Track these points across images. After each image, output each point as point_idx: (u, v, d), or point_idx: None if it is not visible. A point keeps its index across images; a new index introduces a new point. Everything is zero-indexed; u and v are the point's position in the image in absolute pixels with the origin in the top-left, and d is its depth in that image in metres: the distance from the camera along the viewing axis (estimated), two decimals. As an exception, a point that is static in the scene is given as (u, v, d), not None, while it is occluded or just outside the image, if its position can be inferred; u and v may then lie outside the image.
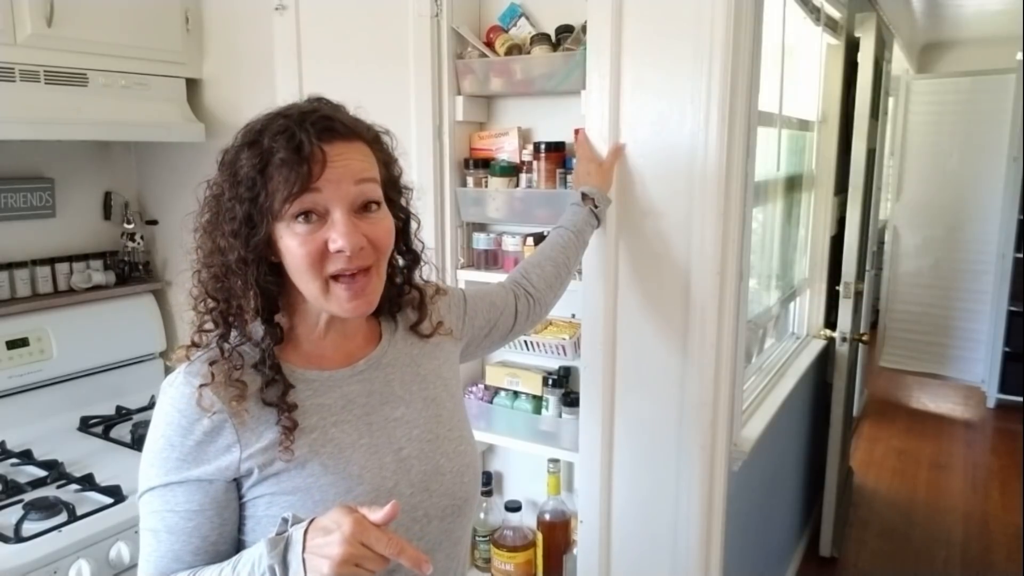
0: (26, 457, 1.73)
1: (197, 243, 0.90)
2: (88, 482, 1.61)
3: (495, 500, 1.83)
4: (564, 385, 1.69)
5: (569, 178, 1.55)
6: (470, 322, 1.17)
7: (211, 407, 0.84)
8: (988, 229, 4.89)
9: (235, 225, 0.85)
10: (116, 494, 1.56)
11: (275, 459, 0.86)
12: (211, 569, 0.83)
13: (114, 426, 1.94)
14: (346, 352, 0.97)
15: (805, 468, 2.98)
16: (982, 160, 4.91)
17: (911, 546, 3.20)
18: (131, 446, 1.82)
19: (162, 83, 1.96)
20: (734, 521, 1.74)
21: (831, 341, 2.87)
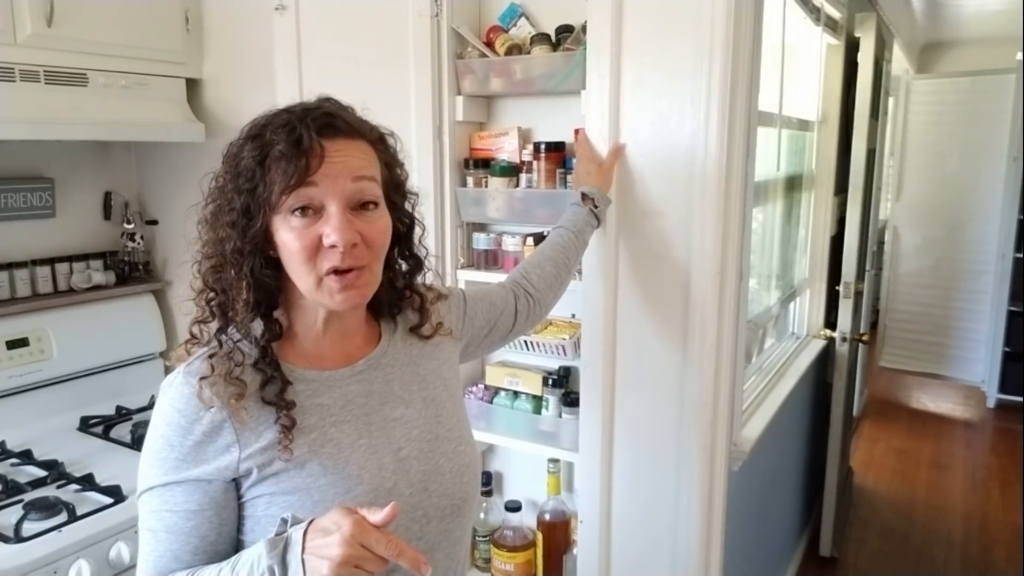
0: (26, 457, 1.73)
1: (200, 234, 0.91)
2: (88, 482, 1.61)
3: (495, 500, 1.83)
4: (564, 385, 1.69)
5: (569, 178, 1.55)
6: (470, 322, 1.17)
7: (211, 401, 0.85)
8: (988, 229, 4.89)
9: (234, 216, 0.86)
10: (116, 494, 1.56)
11: (274, 459, 0.86)
12: (210, 569, 0.83)
13: (114, 426, 1.94)
14: (345, 352, 0.97)
15: (805, 468, 2.97)
16: (982, 160, 4.91)
17: (911, 546, 3.20)
18: (131, 446, 1.82)
19: (162, 83, 1.96)
20: (734, 521, 1.73)
21: (831, 341, 2.87)
